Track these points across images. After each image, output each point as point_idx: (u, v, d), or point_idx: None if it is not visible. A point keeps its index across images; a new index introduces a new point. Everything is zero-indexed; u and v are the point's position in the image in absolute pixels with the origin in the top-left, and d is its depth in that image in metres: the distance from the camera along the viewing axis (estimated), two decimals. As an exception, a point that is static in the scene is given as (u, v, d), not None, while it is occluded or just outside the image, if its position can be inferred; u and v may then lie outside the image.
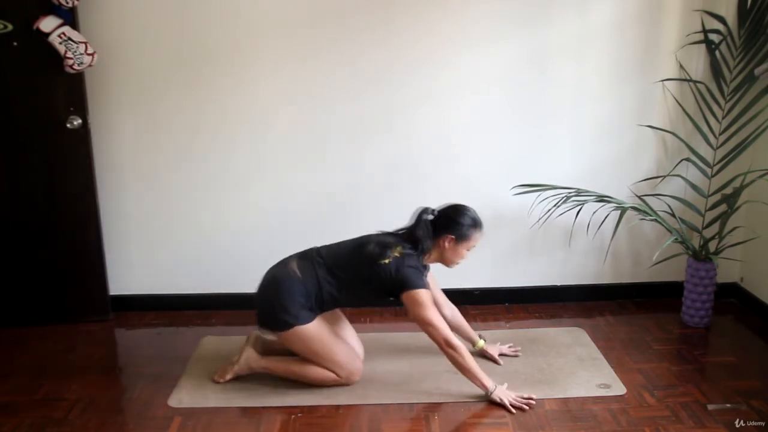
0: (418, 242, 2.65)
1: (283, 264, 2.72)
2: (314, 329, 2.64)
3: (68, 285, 3.33)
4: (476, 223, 2.70)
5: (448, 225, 2.67)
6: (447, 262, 2.75)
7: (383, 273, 2.59)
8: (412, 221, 2.71)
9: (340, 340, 2.74)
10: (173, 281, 3.49)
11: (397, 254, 2.60)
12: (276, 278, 2.68)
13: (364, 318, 3.40)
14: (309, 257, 2.71)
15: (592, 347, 3.05)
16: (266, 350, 2.84)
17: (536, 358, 2.95)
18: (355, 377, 2.72)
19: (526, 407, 2.56)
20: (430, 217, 2.70)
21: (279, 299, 2.62)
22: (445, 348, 2.57)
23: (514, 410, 2.54)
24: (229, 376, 2.76)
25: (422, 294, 2.58)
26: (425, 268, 2.71)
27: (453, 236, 2.67)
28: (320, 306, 2.68)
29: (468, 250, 2.73)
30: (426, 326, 2.57)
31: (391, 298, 2.66)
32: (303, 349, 2.66)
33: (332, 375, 2.68)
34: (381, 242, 2.66)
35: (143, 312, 3.46)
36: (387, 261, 2.59)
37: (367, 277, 2.64)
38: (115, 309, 3.43)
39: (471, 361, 2.58)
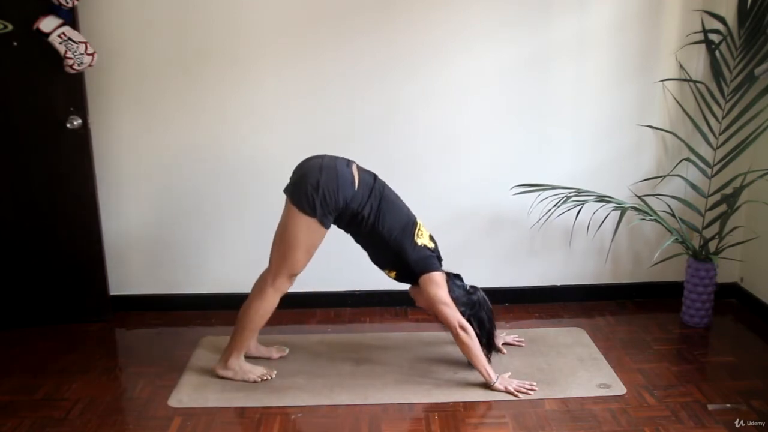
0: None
1: (346, 162, 2.67)
2: (319, 236, 2.62)
3: (68, 285, 3.33)
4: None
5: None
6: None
7: (409, 248, 2.67)
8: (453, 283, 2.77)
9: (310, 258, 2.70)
10: (173, 281, 3.49)
11: (427, 244, 2.74)
12: (337, 168, 2.60)
13: (364, 318, 3.40)
14: (371, 177, 2.72)
15: (592, 347, 3.05)
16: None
17: (536, 358, 2.95)
18: (285, 289, 2.71)
19: (531, 392, 2.65)
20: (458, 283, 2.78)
21: (325, 186, 2.56)
22: (458, 330, 2.63)
23: (520, 395, 2.63)
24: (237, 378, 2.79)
25: (438, 275, 2.69)
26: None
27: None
28: (347, 220, 2.66)
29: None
30: (442, 306, 2.64)
31: (407, 282, 2.79)
32: (291, 234, 2.61)
33: (270, 302, 2.68)
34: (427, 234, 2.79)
35: (143, 312, 3.46)
36: (418, 241, 2.70)
37: (396, 242, 2.66)
38: (115, 309, 3.43)
39: (480, 348, 2.68)
